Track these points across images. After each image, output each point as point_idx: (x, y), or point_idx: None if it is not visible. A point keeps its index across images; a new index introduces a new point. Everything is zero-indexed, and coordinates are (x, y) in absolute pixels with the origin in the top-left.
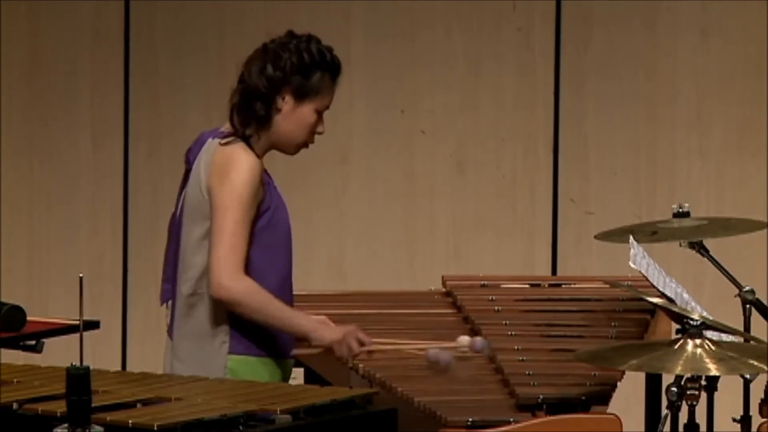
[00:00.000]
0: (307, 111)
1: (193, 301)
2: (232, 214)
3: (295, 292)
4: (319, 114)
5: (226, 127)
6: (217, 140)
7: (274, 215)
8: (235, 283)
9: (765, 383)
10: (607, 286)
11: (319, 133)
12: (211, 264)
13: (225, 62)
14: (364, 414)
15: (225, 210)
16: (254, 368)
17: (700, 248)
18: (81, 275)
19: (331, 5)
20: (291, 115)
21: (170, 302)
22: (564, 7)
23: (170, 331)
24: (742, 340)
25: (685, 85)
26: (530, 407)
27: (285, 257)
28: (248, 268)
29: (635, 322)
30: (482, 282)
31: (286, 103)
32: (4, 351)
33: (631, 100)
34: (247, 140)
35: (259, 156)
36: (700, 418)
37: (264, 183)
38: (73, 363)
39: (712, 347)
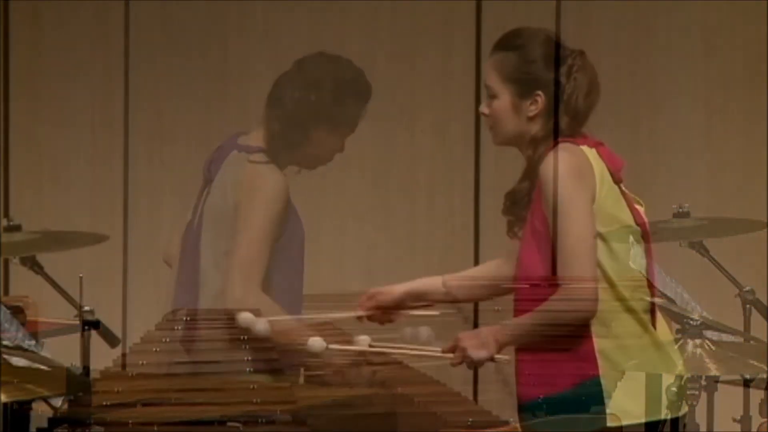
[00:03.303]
0: (336, 140)
1: (215, 315)
2: (257, 231)
3: None
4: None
5: (249, 139)
6: (243, 154)
7: (292, 232)
8: (248, 297)
9: (765, 383)
10: (607, 286)
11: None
12: (229, 275)
13: (226, 63)
14: (364, 414)
15: (251, 226)
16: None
17: (700, 248)
18: (81, 275)
19: (331, 5)
20: (322, 144)
21: (185, 310)
22: (564, 7)
23: (184, 340)
24: (742, 340)
25: (685, 85)
26: (530, 407)
27: (298, 272)
28: (265, 283)
29: (635, 322)
30: (483, 282)
31: (320, 130)
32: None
33: (630, 99)
34: (275, 158)
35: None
36: (700, 418)
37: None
38: (73, 363)
39: (712, 347)
